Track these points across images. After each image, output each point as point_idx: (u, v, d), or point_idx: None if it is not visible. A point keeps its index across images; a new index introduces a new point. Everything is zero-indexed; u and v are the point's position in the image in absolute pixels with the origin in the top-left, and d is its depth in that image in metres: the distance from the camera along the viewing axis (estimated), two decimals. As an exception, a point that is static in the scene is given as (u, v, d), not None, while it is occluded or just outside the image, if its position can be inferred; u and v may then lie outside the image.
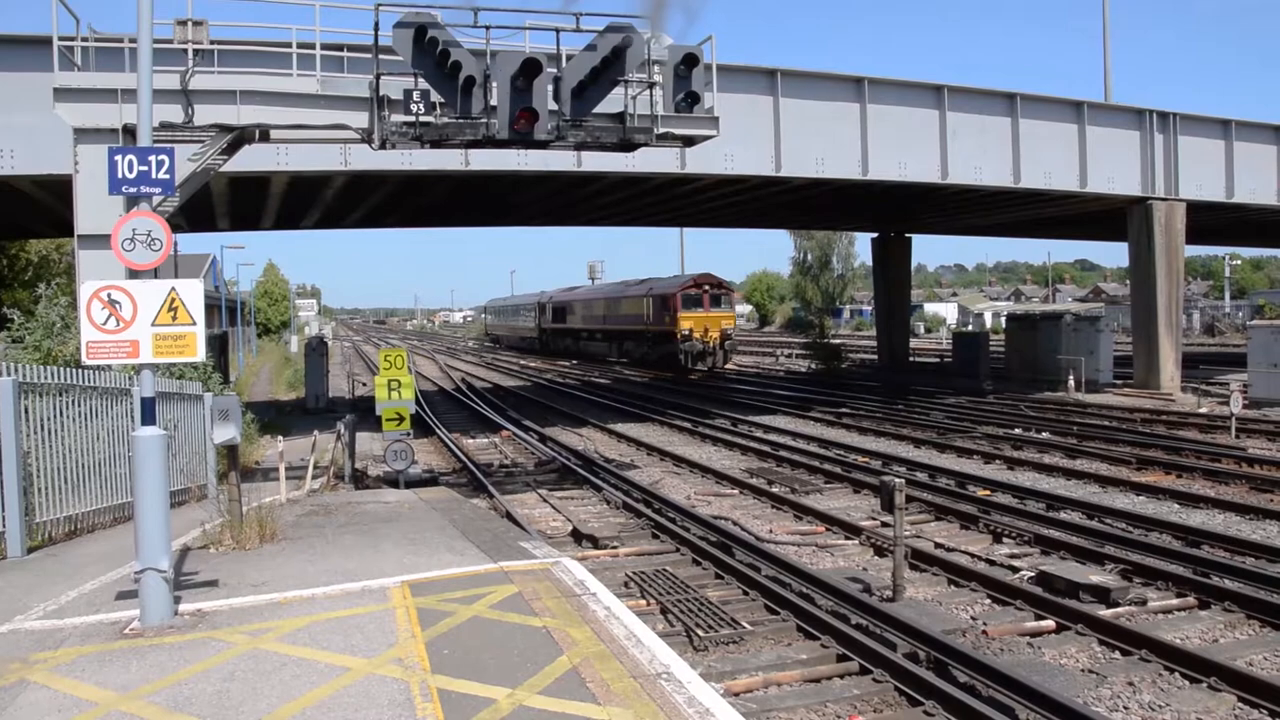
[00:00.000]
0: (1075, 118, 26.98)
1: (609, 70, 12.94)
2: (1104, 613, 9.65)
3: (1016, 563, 11.78)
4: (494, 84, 12.52)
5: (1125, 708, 7.61)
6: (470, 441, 24.18)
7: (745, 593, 10.52)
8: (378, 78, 12.93)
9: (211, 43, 14.31)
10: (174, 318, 7.69)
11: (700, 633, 9.11)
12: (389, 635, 7.09)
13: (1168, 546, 12.10)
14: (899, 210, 34.56)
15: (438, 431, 24.89)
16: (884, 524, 12.57)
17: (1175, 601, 10.20)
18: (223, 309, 61.81)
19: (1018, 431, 23.10)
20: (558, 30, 13.25)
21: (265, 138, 13.96)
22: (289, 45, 14.48)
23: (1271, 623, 9.42)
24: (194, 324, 7.76)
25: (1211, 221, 29.28)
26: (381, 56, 13.01)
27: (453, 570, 9.01)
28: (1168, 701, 7.65)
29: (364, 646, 6.83)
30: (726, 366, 48.30)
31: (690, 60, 13.27)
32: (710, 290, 45.95)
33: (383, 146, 13.31)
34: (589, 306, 60.68)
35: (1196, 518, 14.13)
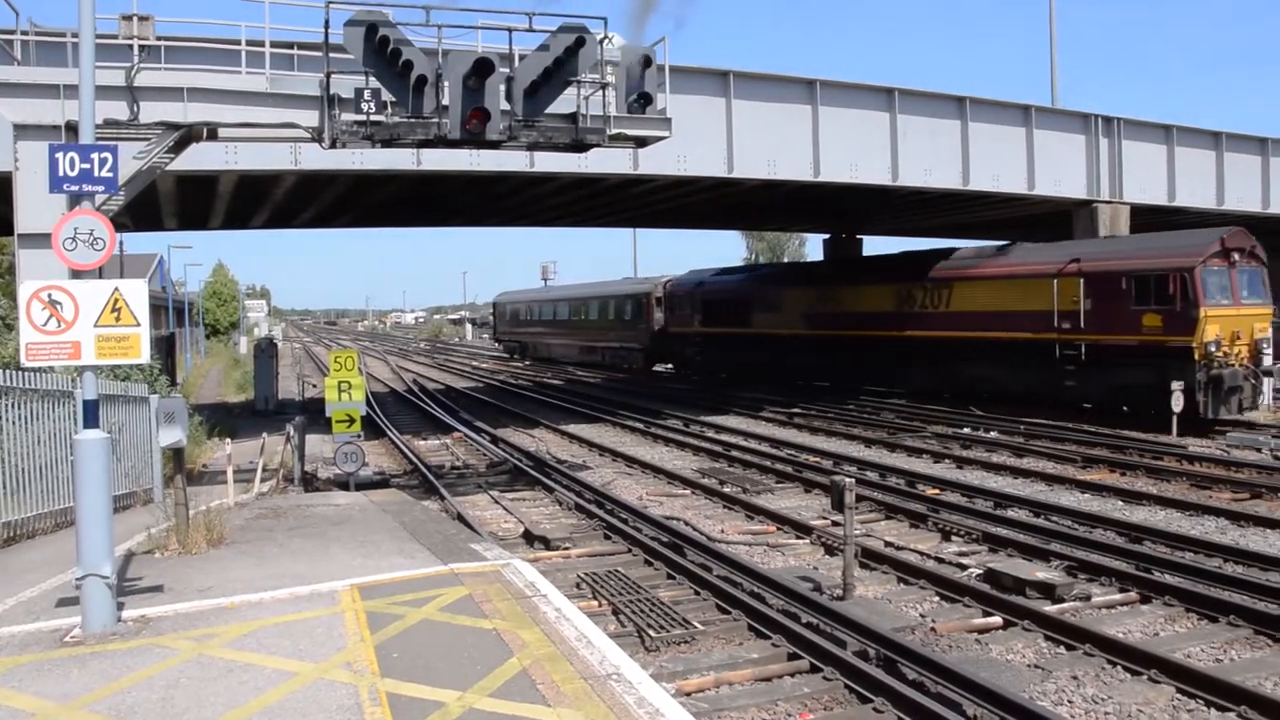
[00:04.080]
0: (1023, 121, 27.34)
1: (562, 70, 12.92)
2: (1049, 609, 9.80)
3: (965, 560, 11.93)
4: (446, 83, 12.45)
5: (1069, 701, 7.74)
6: (422, 443, 24.02)
7: (697, 593, 10.55)
8: (328, 76, 12.80)
9: (158, 39, 14.12)
10: (117, 319, 7.57)
11: (652, 633, 9.12)
12: (338, 639, 7.03)
13: (1111, 543, 12.31)
14: (850, 211, 34.80)
15: (389, 433, 24.71)
16: (835, 523, 12.66)
17: (1118, 597, 10.38)
18: (170, 310, 60.82)
19: (966, 431, 23.38)
20: (510, 30, 13.22)
21: (213, 136, 13.77)
22: (238, 43, 14.31)
23: (1209, 615, 9.62)
24: (138, 325, 7.65)
25: (1154, 224, 29.76)
26: (332, 55, 12.88)
27: (403, 573, 8.96)
28: (1110, 694, 7.79)
29: (312, 651, 6.77)
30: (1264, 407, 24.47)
31: (644, 61, 13.30)
32: (1246, 258, 23.37)
33: (333, 146, 13.18)
34: (856, 295, 32.52)
35: (1139, 514, 14.39)
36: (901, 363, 30.64)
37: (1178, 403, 21.08)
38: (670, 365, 45.75)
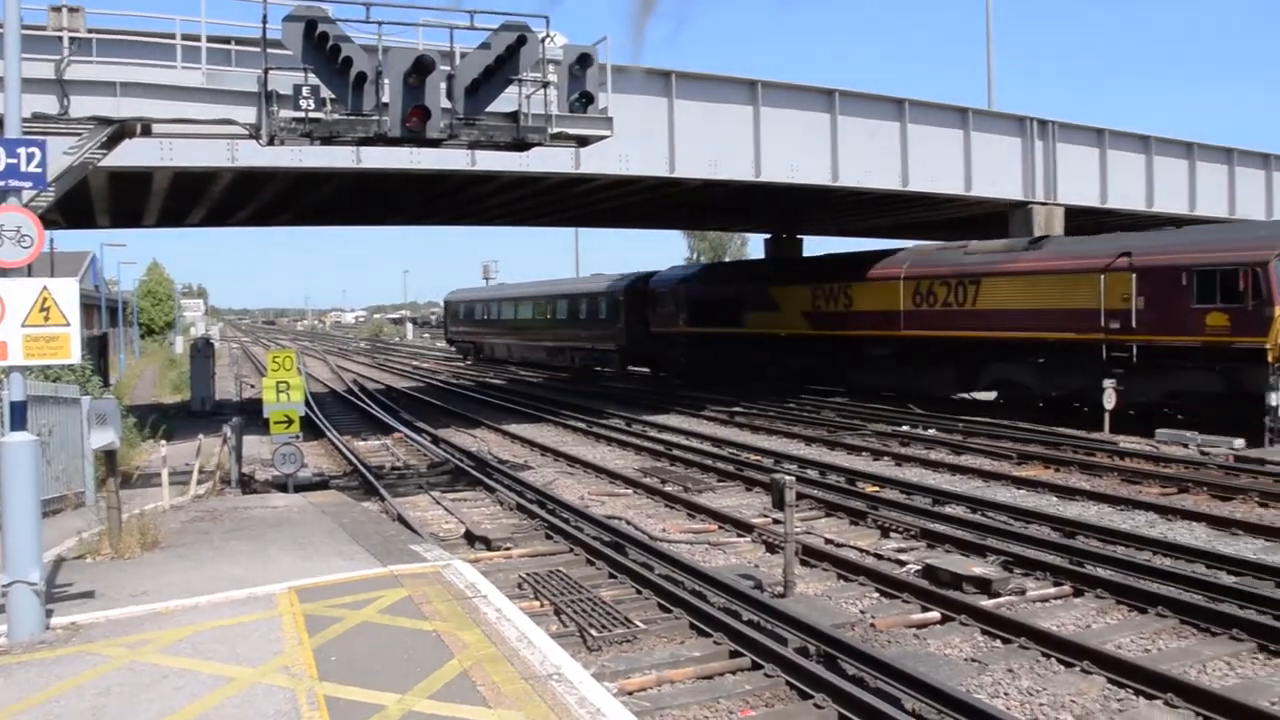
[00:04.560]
0: (961, 124, 27.75)
1: (503, 69, 12.86)
2: (986, 603, 9.96)
3: (904, 556, 12.09)
4: (386, 81, 12.32)
5: (1005, 694, 7.89)
6: (362, 444, 23.79)
7: (639, 591, 10.57)
8: (266, 72, 12.59)
9: (89, 31, 13.78)
10: (46, 318, 7.41)
11: (594, 633, 9.12)
12: (275, 643, 6.95)
13: (1046, 538, 12.54)
14: (791, 211, 35.07)
15: (328, 434, 24.43)
16: (775, 521, 12.76)
17: (1052, 590, 10.59)
18: (103, 309, 59.53)
19: (905, 429, 23.68)
20: (451, 27, 13.12)
21: (147, 132, 13.49)
22: (173, 36, 14.02)
23: (1138, 607, 9.85)
24: (68, 324, 7.49)
25: (1086, 225, 30.38)
26: (270, 50, 12.67)
27: (342, 575, 8.87)
28: (1044, 686, 7.95)
29: (249, 655, 6.68)
30: None
31: (585, 60, 13.28)
32: None
33: (271, 143, 12.99)
34: (868, 291, 29.56)
35: (1073, 509, 14.68)
36: (918, 364, 27.91)
37: (1109, 400, 21.51)
38: (650, 368, 42.60)
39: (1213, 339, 20.76)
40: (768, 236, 42.99)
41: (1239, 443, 18.73)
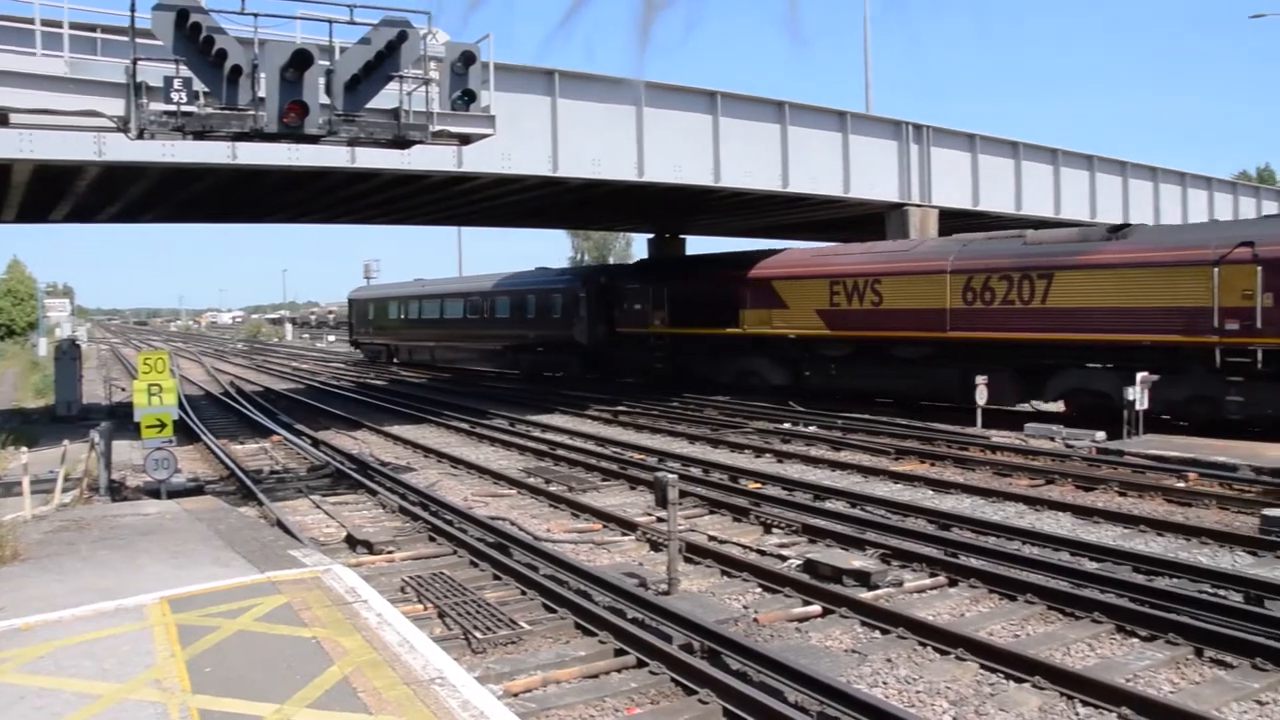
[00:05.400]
0: (839, 127, 28.40)
1: (383, 65, 12.67)
2: (865, 595, 10.23)
3: (786, 552, 12.31)
4: (262, 75, 12.02)
5: (884, 683, 8.11)
6: (239, 447, 23.14)
7: (523, 592, 10.54)
8: (135, 62, 12.13)
9: (-61, 16, 13.11)
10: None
11: (478, 634, 9.07)
12: (146, 656, 6.72)
13: (922, 530, 12.91)
14: (674, 211, 35.36)
15: (204, 438, 23.68)
16: (659, 519, 12.86)
17: (928, 581, 10.92)
18: (-43, 308, 56.53)
19: (787, 426, 24.10)
20: (330, 21, 12.85)
21: (4, 122, 12.89)
22: (32, 21, 13.40)
23: (1009, 595, 10.24)
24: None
25: (959, 226, 31.41)
26: (139, 40, 12.22)
27: (217, 583, 8.63)
28: (921, 674, 8.21)
29: (118, 670, 6.45)
30: None
31: (467, 58, 13.18)
32: None
33: (140, 136, 12.53)
34: (905, 287, 25.48)
35: (948, 502, 15.16)
36: (968, 371, 23.30)
37: (981, 395, 22.25)
38: (613, 373, 37.38)
39: None
40: (650, 237, 43.30)
41: (1100, 435, 19.58)
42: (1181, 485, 15.50)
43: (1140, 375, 19.60)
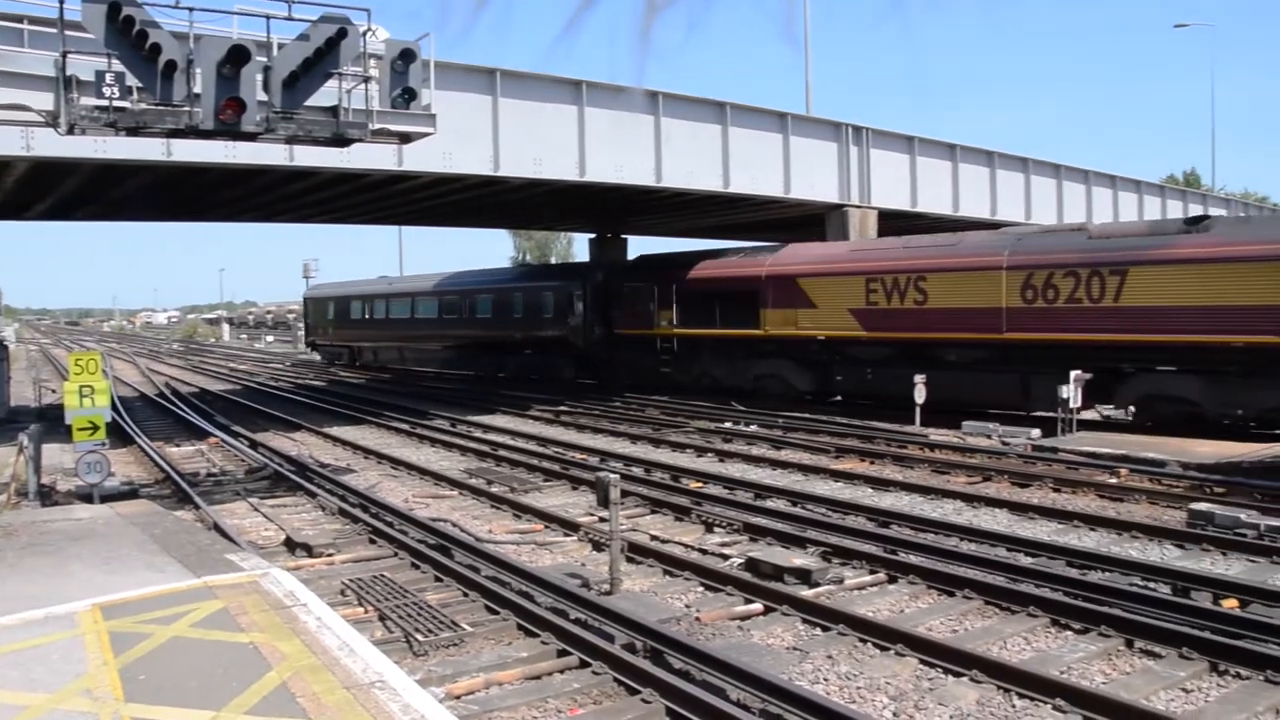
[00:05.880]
0: (780, 128, 28.58)
1: (322, 62, 12.51)
2: (806, 593, 10.33)
3: (727, 550, 12.39)
4: (198, 70, 11.80)
5: (825, 679, 8.19)
6: (175, 450, 22.72)
7: (465, 594, 10.49)
8: (64, 55, 11.87)
9: None
10: None
11: (420, 637, 9.01)
12: (77, 665, 6.57)
13: (862, 528, 13.06)
14: (616, 211, 35.34)
15: (138, 440, 23.22)
16: (601, 519, 12.87)
17: (869, 578, 11.04)
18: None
19: (728, 425, 24.23)
20: (268, 17, 12.67)
21: (-77, 115, 12.55)
22: (-49, 12, 13.08)
23: (947, 591, 10.40)
24: None
25: (898, 228, 31.79)
26: (69, 33, 11.95)
27: (152, 589, 8.46)
28: (862, 670, 8.30)
29: (47, 680, 6.30)
30: None
31: (407, 56, 13.08)
32: None
33: (71, 132, 12.23)
34: (949, 284, 23.89)
35: (887, 500, 15.35)
36: (1024, 375, 22.14)
37: (920, 394, 22.54)
38: (608, 376, 34.63)
39: None
40: (591, 237, 43.26)
41: (1036, 433, 19.96)
42: (1113, 481, 15.85)
43: (1075, 373, 19.89)
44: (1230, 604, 9.53)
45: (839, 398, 26.57)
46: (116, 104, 11.59)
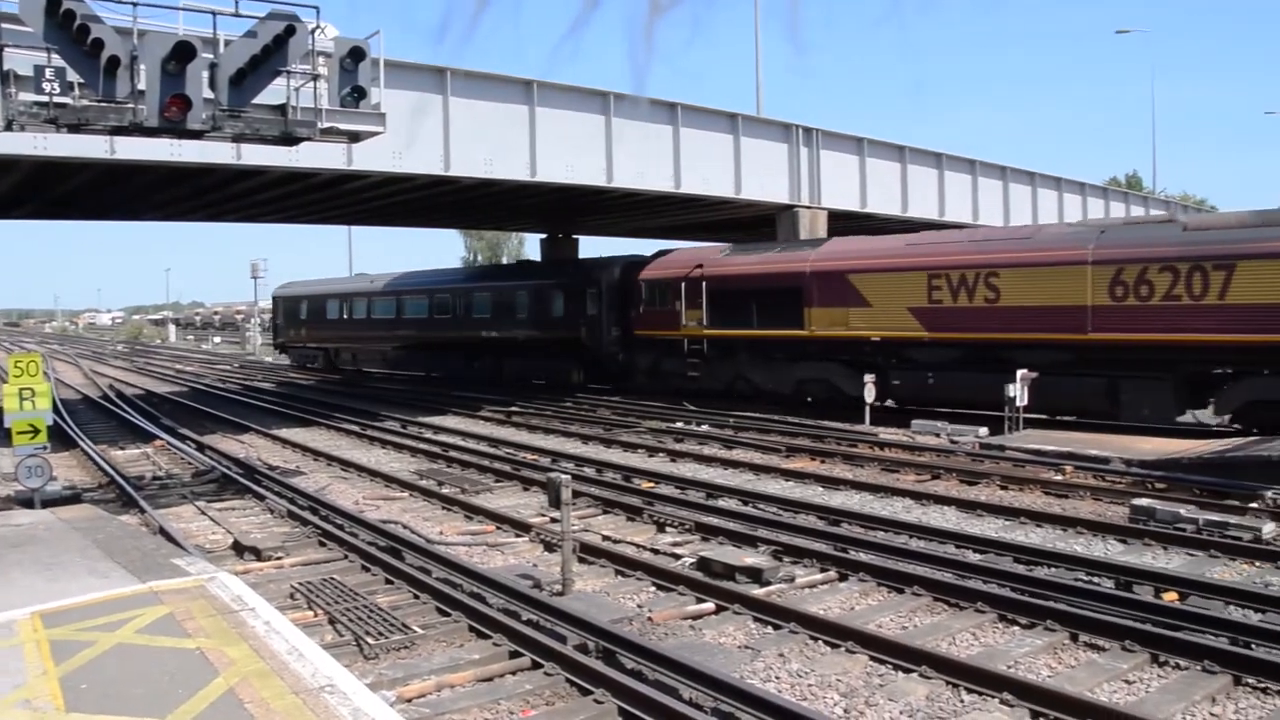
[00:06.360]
0: (731, 129, 28.74)
1: (270, 59, 12.35)
2: (757, 592, 10.38)
3: (679, 550, 12.41)
4: (143, 66, 11.59)
5: (777, 677, 8.24)
6: (119, 453, 22.33)
7: (416, 596, 10.42)
8: (1, 49, 11.62)
9: None
10: None
11: (370, 640, 8.93)
12: (15, 675, 6.44)
13: (813, 526, 13.15)
14: (567, 211, 35.31)
15: (81, 443, 22.79)
16: (553, 520, 12.84)
17: (819, 576, 11.11)
18: None
19: (679, 425, 24.29)
20: (215, 13, 12.49)
21: None
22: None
23: (896, 588, 10.50)
24: None
25: (848, 228, 32.08)
26: (6, 26, 11.69)
27: (95, 595, 8.32)
28: (813, 668, 8.36)
29: (-16, 688, 6.17)
30: None
31: (357, 54, 12.96)
32: None
33: (9, 128, 11.98)
34: (1021, 280, 21.70)
35: (838, 499, 15.46)
36: (1113, 378, 20.27)
37: (870, 394, 22.74)
38: (624, 380, 32.17)
39: None
40: (543, 237, 43.20)
41: (983, 431, 20.22)
42: (1059, 478, 16.10)
43: (1021, 372, 20.05)
44: (1170, 597, 9.75)
45: (891, 403, 24.48)
46: (57, 100, 11.35)
